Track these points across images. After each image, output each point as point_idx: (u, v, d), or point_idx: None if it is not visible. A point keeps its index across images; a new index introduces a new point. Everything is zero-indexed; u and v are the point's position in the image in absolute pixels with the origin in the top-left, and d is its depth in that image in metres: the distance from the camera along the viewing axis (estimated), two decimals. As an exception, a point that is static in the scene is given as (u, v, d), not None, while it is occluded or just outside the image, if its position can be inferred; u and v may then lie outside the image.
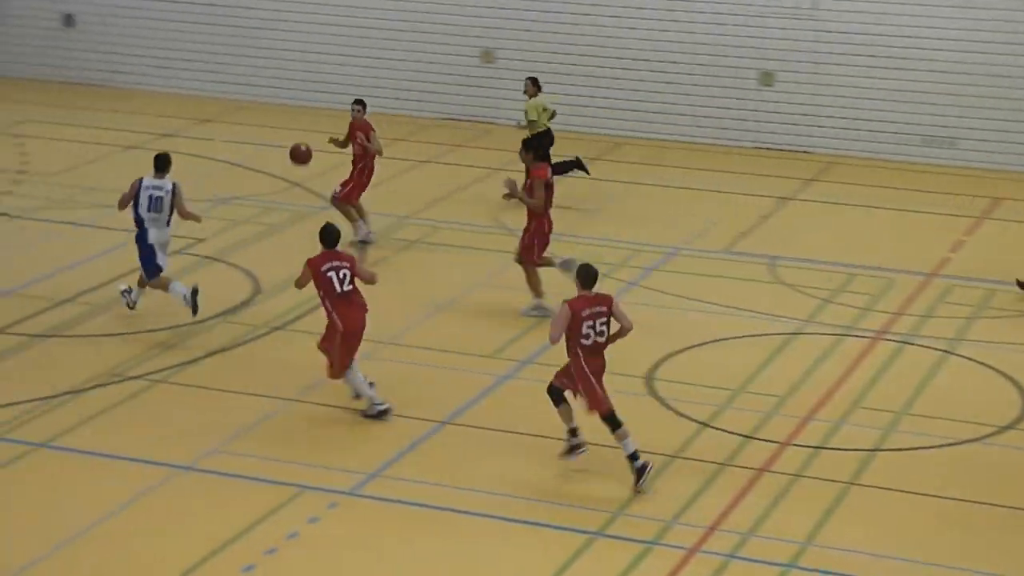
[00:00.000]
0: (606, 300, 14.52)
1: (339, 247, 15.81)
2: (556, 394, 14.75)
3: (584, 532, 13.68)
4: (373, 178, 21.11)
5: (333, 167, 24.14)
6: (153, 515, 13.83)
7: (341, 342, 15.62)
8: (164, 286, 17.92)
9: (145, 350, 17.24)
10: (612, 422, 14.51)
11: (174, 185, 17.87)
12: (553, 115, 23.16)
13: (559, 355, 17.53)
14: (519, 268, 18.94)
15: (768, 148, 26.70)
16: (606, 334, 14.50)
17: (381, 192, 23.45)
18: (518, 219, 22.33)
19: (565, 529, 13.73)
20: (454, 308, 18.97)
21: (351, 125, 21.00)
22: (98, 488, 14.27)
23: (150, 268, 17.86)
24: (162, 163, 17.92)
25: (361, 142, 20.89)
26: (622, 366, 17.17)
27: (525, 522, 13.85)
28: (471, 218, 22.39)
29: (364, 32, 28.21)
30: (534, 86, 23.25)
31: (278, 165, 24.37)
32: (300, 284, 15.88)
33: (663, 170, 25.33)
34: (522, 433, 15.51)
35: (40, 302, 18.63)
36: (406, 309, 18.83)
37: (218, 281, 19.54)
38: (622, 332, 14.60)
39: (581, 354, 14.48)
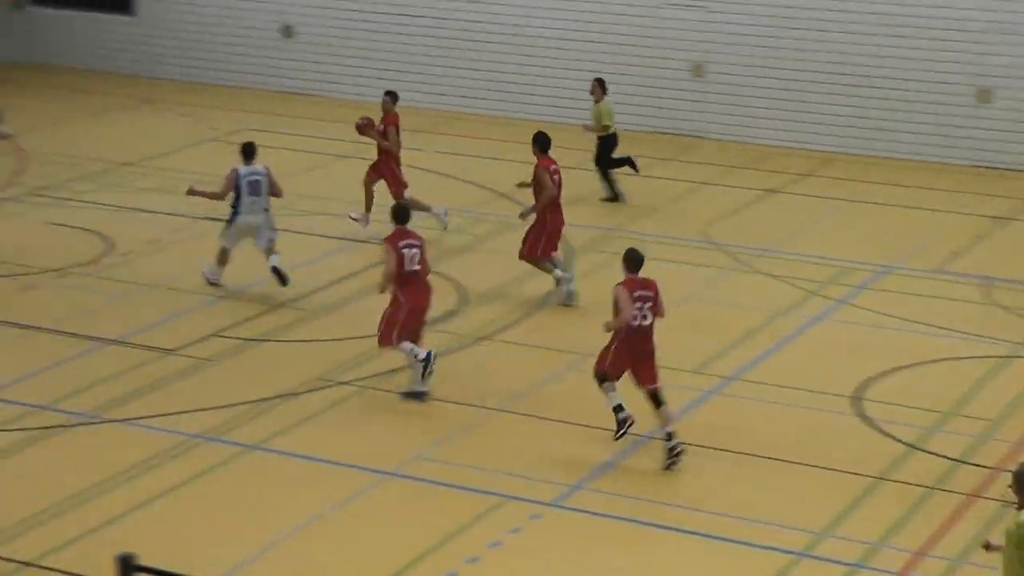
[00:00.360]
0: (652, 285, 15.13)
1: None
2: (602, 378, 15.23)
3: (788, 552, 13.51)
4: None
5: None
6: (358, 520, 14.04)
7: (406, 317, 16.18)
8: (221, 260, 19.30)
9: (354, 356, 17.52)
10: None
11: (267, 168, 19.38)
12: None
13: (768, 372, 17.40)
14: (730, 282, 18.82)
15: (985, 166, 26.10)
16: (650, 318, 15.04)
17: (590, 204, 23.49)
18: (725, 232, 22.23)
19: (769, 548, 13.58)
20: (660, 321, 18.86)
21: (384, 118, 21.45)
22: (306, 491, 14.54)
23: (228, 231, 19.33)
24: (251, 150, 19.42)
25: (397, 128, 21.38)
26: (829, 385, 16.99)
27: (728, 540, 13.74)
28: (678, 231, 22.30)
29: (572, 44, 28.28)
30: (601, 89, 23.35)
31: (487, 176, 24.61)
32: (387, 274, 16.25)
33: (874, 187, 24.93)
34: (726, 450, 15.40)
35: (255, 307, 19.05)
36: (611, 322, 18.81)
37: (426, 290, 19.77)
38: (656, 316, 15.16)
39: (624, 333, 14.93)
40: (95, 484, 14.47)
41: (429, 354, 16.26)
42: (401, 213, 16.66)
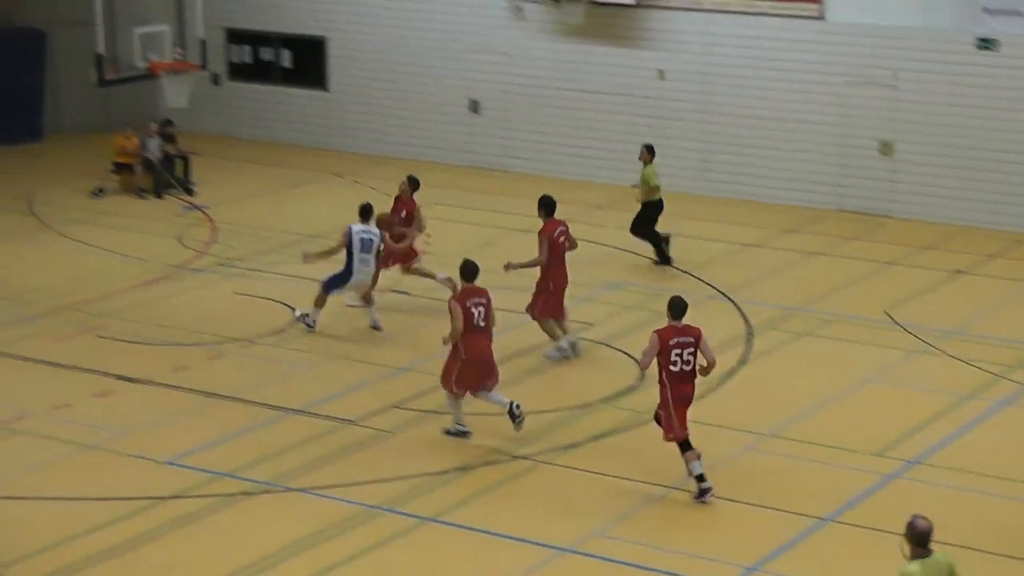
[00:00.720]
0: (694, 332, 15.58)
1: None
2: (683, 444, 15.74)
3: (970, 643, 13.15)
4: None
5: (713, 258, 24.13)
6: (533, 595, 14.05)
7: (462, 367, 16.87)
8: (320, 303, 20.64)
9: (531, 431, 17.54)
10: (684, 446, 15.67)
11: (381, 231, 20.79)
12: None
13: (953, 457, 17.03)
14: (914, 364, 18.46)
15: None
16: (693, 364, 15.50)
17: (773, 282, 23.32)
18: (911, 313, 21.86)
19: (949, 639, 13.24)
20: (841, 402, 18.64)
21: (398, 200, 22.21)
22: (482, 565, 14.58)
23: (329, 285, 20.60)
24: (367, 211, 20.72)
25: (411, 215, 22.00)
26: (1018, 472, 16.56)
27: (907, 628, 13.43)
28: (862, 311, 21.99)
29: (761, 122, 28.13)
30: (649, 153, 23.96)
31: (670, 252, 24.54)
32: (453, 333, 16.82)
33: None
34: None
35: (432, 379, 19.16)
36: (793, 401, 18.61)
37: (604, 366, 19.78)
38: (709, 366, 15.62)
39: (668, 382, 15.49)
40: (275, 552, 14.69)
41: (511, 404, 17.08)
42: (468, 271, 17.18)
